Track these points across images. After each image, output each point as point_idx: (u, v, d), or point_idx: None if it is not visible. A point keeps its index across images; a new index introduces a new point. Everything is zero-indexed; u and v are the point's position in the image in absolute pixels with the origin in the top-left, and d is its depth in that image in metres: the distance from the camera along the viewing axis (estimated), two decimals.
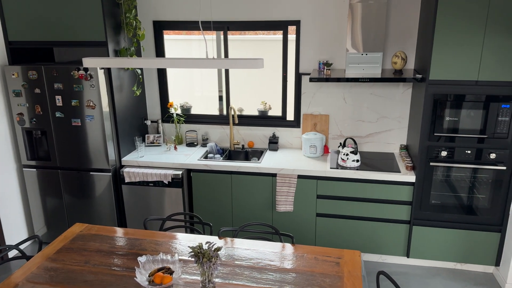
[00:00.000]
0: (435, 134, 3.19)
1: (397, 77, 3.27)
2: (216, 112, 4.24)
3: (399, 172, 3.37)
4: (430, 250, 3.47)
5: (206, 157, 3.85)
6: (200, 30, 3.96)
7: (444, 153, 3.22)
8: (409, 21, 3.51)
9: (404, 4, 3.48)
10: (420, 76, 3.23)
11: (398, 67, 3.40)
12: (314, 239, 3.67)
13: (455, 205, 3.32)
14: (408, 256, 3.53)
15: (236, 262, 2.42)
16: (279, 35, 3.86)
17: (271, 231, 2.78)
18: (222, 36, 3.92)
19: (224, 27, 3.85)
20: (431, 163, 3.25)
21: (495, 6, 2.84)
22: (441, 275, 3.44)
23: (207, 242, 2.20)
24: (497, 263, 3.38)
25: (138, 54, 3.96)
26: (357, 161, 3.50)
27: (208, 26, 3.89)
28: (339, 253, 2.51)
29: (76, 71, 3.44)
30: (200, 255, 2.08)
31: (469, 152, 3.19)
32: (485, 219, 3.30)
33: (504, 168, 3.15)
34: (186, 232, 3.64)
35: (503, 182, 3.19)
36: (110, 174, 3.68)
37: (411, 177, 3.31)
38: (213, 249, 2.16)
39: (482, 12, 2.87)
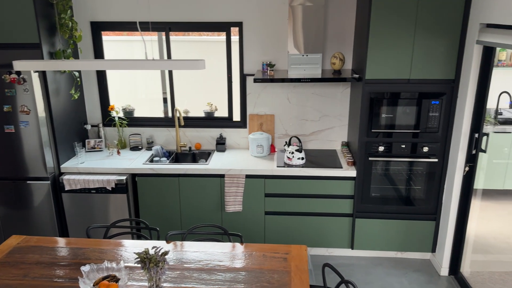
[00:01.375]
0: (372, 130, 3.37)
1: (336, 77, 3.41)
2: (161, 115, 4.17)
3: (341, 167, 3.52)
4: (372, 241, 3.65)
5: (151, 160, 3.77)
6: (138, 31, 3.87)
7: (381, 148, 3.40)
8: (346, 24, 3.67)
9: (341, 7, 3.63)
10: (357, 76, 3.39)
11: (337, 67, 3.55)
12: (264, 237, 3.72)
13: (394, 197, 3.52)
14: (352, 248, 3.68)
15: (185, 265, 2.40)
16: (223, 36, 3.88)
17: (220, 232, 2.79)
18: (164, 37, 3.87)
19: (166, 28, 3.80)
20: (370, 158, 3.42)
21: (423, 10, 3.05)
22: (383, 265, 3.63)
23: (153, 247, 2.17)
24: (433, 250, 3.62)
25: (76, 56, 3.80)
26: (302, 158, 3.61)
27: (147, 27, 3.82)
28: (287, 248, 2.58)
29: (7, 75, 3.23)
30: (147, 261, 2.04)
31: (404, 146, 3.40)
32: (421, 209, 3.53)
33: (436, 160, 3.39)
34: (132, 238, 3.55)
35: (435, 174, 3.43)
36: (48, 182, 3.50)
37: (352, 172, 3.46)
38: (159, 253, 2.13)
39: (412, 16, 3.07)
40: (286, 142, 3.76)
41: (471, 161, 3.16)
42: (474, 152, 3.12)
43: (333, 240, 3.69)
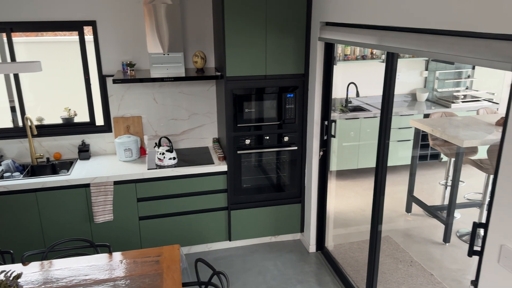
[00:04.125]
0: (238, 125, 3.51)
1: (199, 75, 3.46)
2: (10, 125, 3.72)
3: (213, 163, 3.60)
4: (248, 230, 3.82)
5: (1, 177, 3.34)
6: None
7: (248, 141, 3.57)
8: (205, 23, 3.75)
9: (198, 6, 3.69)
10: (219, 73, 3.49)
11: (199, 66, 3.60)
12: (140, 243, 3.61)
13: (264, 186, 3.74)
14: (230, 240, 3.81)
15: (47, 285, 2.19)
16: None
17: (86, 245, 2.61)
18: (5, 39, 3.44)
19: (7, 28, 3.39)
20: (238, 152, 3.57)
21: (271, 10, 3.28)
22: (259, 251, 3.83)
23: (2, 271, 1.94)
24: (302, 230, 3.95)
25: None
26: (174, 158, 3.58)
27: None
28: (158, 251, 2.54)
29: None
30: None
31: (268, 138, 3.62)
32: (288, 193, 3.82)
33: (296, 148, 3.69)
34: None
35: (297, 160, 3.74)
36: None
37: (224, 167, 3.57)
38: (11, 278, 1.91)
39: (262, 15, 3.27)
40: (156, 143, 3.69)
41: (324, 146, 3.52)
42: (325, 137, 3.49)
43: (211, 235, 3.76)
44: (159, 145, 3.63)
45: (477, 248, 1.81)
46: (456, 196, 3.72)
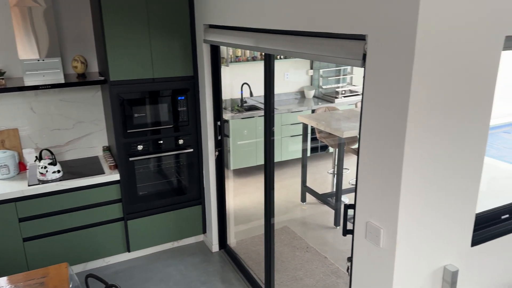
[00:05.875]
0: (128, 131, 3.40)
1: (81, 81, 3.27)
2: None
3: (104, 173, 3.43)
4: (148, 238, 3.72)
5: None
6: None
7: (140, 147, 3.47)
8: (84, 26, 3.55)
9: (75, 9, 3.48)
10: (102, 78, 3.33)
11: (80, 71, 3.40)
12: (26, 265, 3.29)
13: (162, 191, 3.67)
14: (129, 251, 3.67)
15: None
16: None
17: None
18: None
19: None
20: (131, 159, 3.45)
21: (153, 12, 3.23)
22: (161, 258, 3.76)
23: None
24: (204, 231, 3.97)
25: None
26: (59, 171, 3.33)
27: None
28: (44, 272, 2.35)
29: None
30: None
31: (162, 142, 3.57)
32: (188, 196, 3.80)
33: (192, 150, 3.70)
34: None
35: (194, 163, 3.74)
36: None
37: (116, 176, 3.42)
38: None
39: (143, 17, 3.21)
40: (36, 157, 3.39)
41: (219, 146, 3.58)
42: (219, 137, 3.55)
43: (108, 248, 3.58)
44: (40, 158, 3.34)
45: (350, 228, 2.01)
46: (342, 182, 4.07)
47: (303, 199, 4.73)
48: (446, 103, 1.59)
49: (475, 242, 1.92)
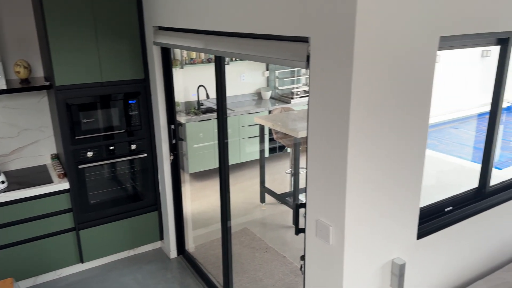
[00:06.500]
0: (76, 137, 3.27)
1: (24, 86, 3.11)
2: None
3: (52, 182, 3.28)
4: (102, 248, 3.59)
5: None
6: None
7: (90, 154, 3.35)
8: (27, 29, 3.38)
9: (16, 11, 3.31)
10: (48, 83, 3.19)
11: (23, 76, 3.24)
12: None
13: (116, 198, 3.56)
14: (82, 262, 3.53)
15: None
16: None
17: None
18: None
19: None
20: (80, 166, 3.32)
21: (99, 14, 3.12)
22: (117, 267, 3.64)
23: None
24: (161, 237, 3.88)
25: None
26: (3, 182, 3.15)
27: None
28: None
29: None
30: None
31: (113, 147, 3.46)
32: (143, 203, 3.70)
33: (146, 155, 3.61)
34: None
35: (148, 168, 3.66)
36: None
37: (65, 185, 3.28)
38: None
39: (89, 19, 3.09)
40: None
41: (174, 149, 3.52)
42: (174, 141, 3.49)
43: (59, 260, 3.42)
44: None
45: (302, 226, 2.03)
46: (299, 182, 4.12)
47: (262, 199, 4.74)
48: (387, 103, 1.64)
49: (421, 235, 2.00)
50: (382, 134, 1.67)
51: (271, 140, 5.25)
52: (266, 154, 5.42)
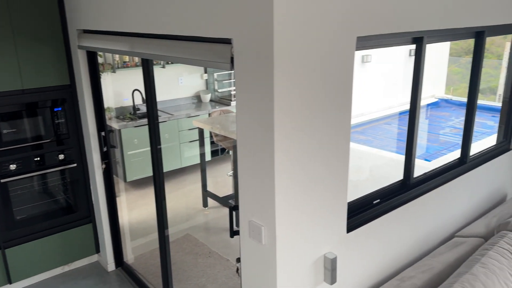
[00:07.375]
0: None
1: None
2: None
3: None
4: (32, 266, 3.35)
5: None
6: None
7: (13, 167, 3.12)
8: None
9: None
10: None
11: None
12: None
13: (46, 212, 3.33)
14: (10, 283, 3.27)
15: None
16: None
17: None
18: None
19: None
20: (3, 180, 3.08)
21: (16, 17, 2.92)
22: (51, 285, 3.42)
23: None
24: (97, 251, 3.70)
25: None
26: None
27: None
28: None
29: None
30: None
31: (39, 159, 3.24)
32: (76, 215, 3.50)
33: (76, 165, 3.42)
34: None
35: (80, 178, 3.47)
36: None
37: None
38: None
39: (5, 21, 2.88)
40: None
41: (106, 158, 3.37)
42: (105, 149, 3.34)
43: None
44: None
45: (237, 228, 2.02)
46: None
47: (205, 204, 4.69)
48: (309, 102, 1.68)
49: (350, 228, 2.07)
50: (307, 133, 1.70)
51: (212, 143, 5.22)
52: (208, 157, 5.37)
